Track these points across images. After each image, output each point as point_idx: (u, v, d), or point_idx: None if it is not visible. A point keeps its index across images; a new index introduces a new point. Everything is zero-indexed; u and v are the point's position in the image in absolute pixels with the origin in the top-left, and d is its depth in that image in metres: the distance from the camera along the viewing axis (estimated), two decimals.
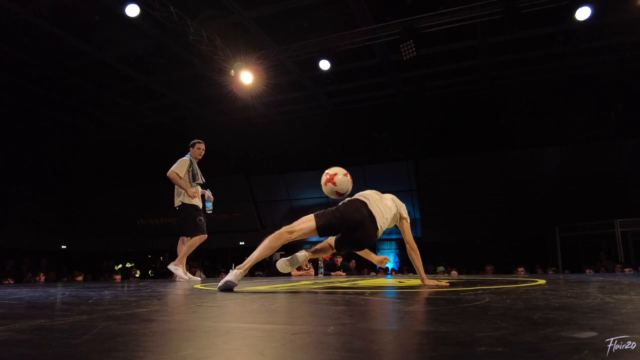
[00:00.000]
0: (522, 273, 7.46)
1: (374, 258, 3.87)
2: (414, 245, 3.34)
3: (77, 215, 15.33)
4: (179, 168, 5.37)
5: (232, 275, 2.86)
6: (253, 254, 2.94)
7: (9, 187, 13.26)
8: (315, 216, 3.03)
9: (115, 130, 13.91)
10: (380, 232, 3.17)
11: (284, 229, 2.98)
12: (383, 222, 3.17)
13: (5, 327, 1.34)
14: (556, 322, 1.37)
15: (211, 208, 5.67)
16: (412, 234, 3.45)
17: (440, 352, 0.93)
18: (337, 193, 3.26)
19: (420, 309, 1.84)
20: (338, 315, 1.74)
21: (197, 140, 5.68)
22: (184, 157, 5.52)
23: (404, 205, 3.43)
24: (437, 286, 3.26)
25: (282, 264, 3.39)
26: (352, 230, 3.10)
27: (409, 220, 3.42)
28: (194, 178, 5.44)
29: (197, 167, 5.57)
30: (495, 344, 1.01)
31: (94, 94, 11.65)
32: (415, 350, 0.95)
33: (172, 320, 1.47)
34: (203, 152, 5.65)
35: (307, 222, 3.02)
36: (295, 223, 3.03)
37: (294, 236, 2.96)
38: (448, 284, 3.50)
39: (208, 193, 5.75)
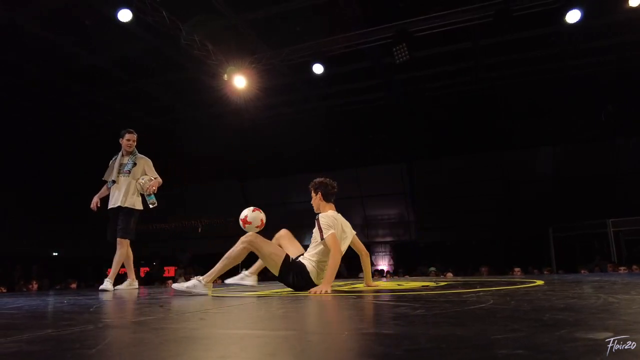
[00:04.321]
0: (519, 274, 7.50)
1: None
2: (366, 251, 3.88)
3: (69, 221, 15.12)
4: None
5: None
6: None
7: None
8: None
9: (108, 134, 13.80)
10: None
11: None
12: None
13: (12, 338, 1.31)
14: (567, 323, 1.38)
15: (150, 200, 4.71)
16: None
17: (461, 356, 0.93)
18: (257, 227, 3.64)
19: (428, 312, 1.84)
20: (347, 319, 1.74)
21: (126, 130, 4.86)
22: None
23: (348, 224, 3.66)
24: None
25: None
26: None
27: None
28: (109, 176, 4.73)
29: (117, 161, 4.81)
30: (513, 347, 1.01)
31: (87, 97, 11.56)
32: (437, 354, 0.95)
33: (183, 328, 1.46)
34: (131, 142, 4.81)
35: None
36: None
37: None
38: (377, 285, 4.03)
39: (140, 183, 4.76)
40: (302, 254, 3.57)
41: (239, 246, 3.30)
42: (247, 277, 3.80)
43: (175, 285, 3.39)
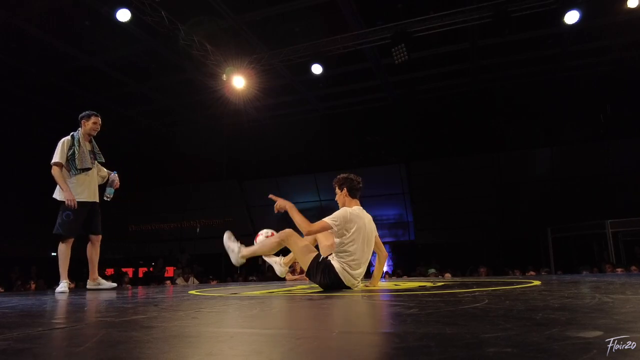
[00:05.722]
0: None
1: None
2: (385, 253, 3.85)
3: None
4: (57, 155, 4.27)
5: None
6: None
7: None
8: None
9: (105, 135, 13.80)
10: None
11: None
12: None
13: (2, 336, 1.31)
14: (559, 322, 1.37)
15: (111, 195, 4.59)
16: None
17: (450, 354, 0.92)
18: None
19: (421, 311, 1.84)
20: (339, 319, 1.73)
21: (91, 112, 4.57)
22: (65, 137, 4.37)
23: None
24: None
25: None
26: None
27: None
28: (76, 164, 4.31)
29: (86, 146, 4.43)
30: (503, 345, 1.01)
31: (84, 99, 11.55)
32: (425, 353, 0.94)
33: (173, 327, 1.45)
34: (97, 125, 4.55)
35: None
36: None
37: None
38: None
39: (113, 176, 4.61)
40: (332, 253, 3.51)
41: (275, 239, 3.42)
42: (277, 264, 3.78)
43: (226, 240, 3.54)
